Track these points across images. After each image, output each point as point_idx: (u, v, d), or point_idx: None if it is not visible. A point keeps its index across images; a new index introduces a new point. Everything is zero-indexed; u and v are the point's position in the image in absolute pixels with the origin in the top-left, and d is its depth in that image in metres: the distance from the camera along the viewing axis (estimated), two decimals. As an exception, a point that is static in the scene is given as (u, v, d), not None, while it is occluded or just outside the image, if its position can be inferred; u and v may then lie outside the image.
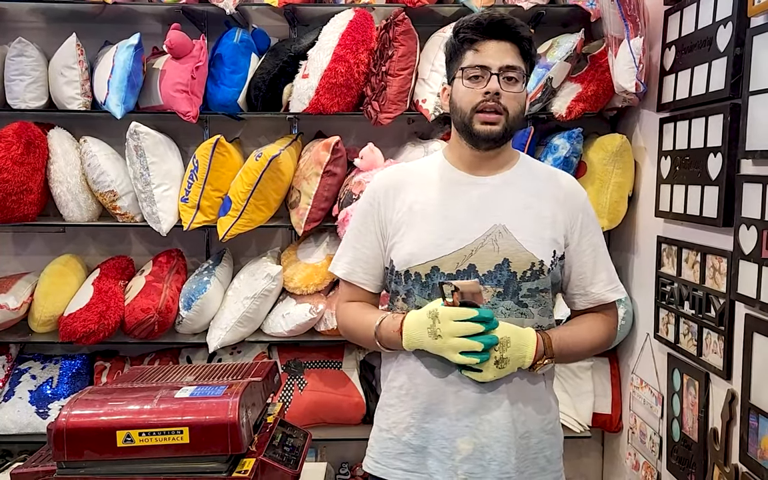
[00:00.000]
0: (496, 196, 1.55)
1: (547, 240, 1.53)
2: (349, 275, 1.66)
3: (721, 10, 2.02)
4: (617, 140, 2.60)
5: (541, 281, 1.51)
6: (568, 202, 1.57)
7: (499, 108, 1.47)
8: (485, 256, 1.49)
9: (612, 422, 2.84)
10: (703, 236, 2.11)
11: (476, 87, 1.48)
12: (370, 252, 1.63)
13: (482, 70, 1.48)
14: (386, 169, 1.72)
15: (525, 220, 1.52)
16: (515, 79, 1.49)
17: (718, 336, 1.99)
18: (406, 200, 1.58)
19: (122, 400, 1.49)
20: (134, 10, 2.83)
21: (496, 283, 1.49)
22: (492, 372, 1.42)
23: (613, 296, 1.61)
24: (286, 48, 2.77)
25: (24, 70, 2.71)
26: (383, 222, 1.60)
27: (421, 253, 1.52)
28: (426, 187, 1.59)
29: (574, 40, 2.64)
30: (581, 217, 1.58)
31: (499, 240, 1.50)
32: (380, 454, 1.60)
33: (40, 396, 2.82)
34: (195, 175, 2.70)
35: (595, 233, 1.61)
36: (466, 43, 1.51)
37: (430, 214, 1.55)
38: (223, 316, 2.76)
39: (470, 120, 1.50)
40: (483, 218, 1.52)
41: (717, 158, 2.00)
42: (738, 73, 1.91)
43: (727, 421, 1.94)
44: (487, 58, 1.48)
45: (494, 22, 1.48)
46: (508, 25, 1.49)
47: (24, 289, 2.78)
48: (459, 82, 1.52)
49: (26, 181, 2.65)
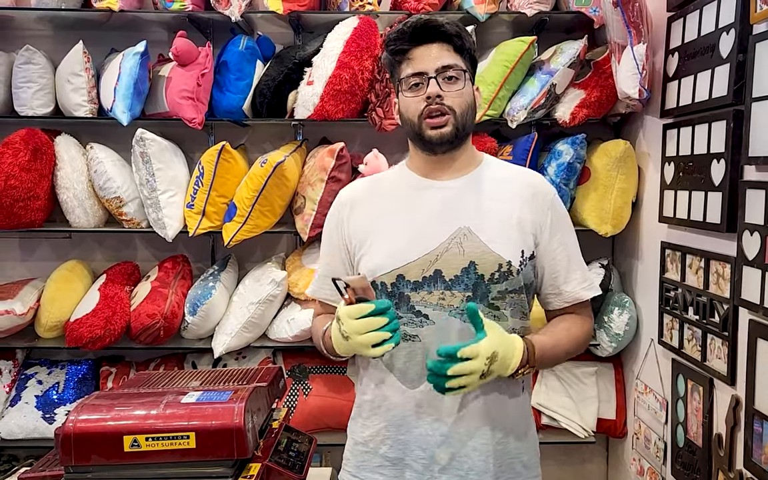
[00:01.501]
0: (459, 199, 1.52)
1: (514, 240, 1.49)
2: (316, 292, 1.67)
3: (723, 17, 2.02)
4: (621, 146, 2.61)
5: (511, 282, 1.48)
6: (535, 201, 1.54)
7: (444, 109, 1.46)
8: (451, 261, 1.47)
9: (616, 428, 2.84)
10: (706, 242, 2.12)
11: (418, 95, 1.47)
12: (337, 269, 1.61)
13: (419, 77, 1.46)
14: (350, 183, 1.71)
15: (490, 221, 1.50)
16: (455, 77, 1.47)
17: (722, 341, 2.00)
18: (369, 212, 1.57)
19: (129, 405, 1.50)
20: (140, 18, 2.85)
21: (464, 287, 1.46)
22: (475, 385, 1.34)
23: (588, 294, 1.58)
24: (291, 55, 2.78)
25: (31, 78, 2.73)
26: (347, 237, 1.59)
27: (386, 262, 1.50)
28: (389, 197, 1.58)
29: (578, 46, 2.65)
30: (550, 216, 1.54)
31: (464, 243, 1.47)
32: (357, 468, 1.58)
33: (46, 401, 2.83)
34: (200, 181, 2.71)
35: (566, 231, 1.58)
36: (398, 54, 1.49)
37: (393, 222, 1.53)
38: (228, 321, 2.77)
39: (420, 128, 1.48)
40: (447, 222, 1.49)
41: (720, 164, 2.01)
42: (741, 80, 1.91)
43: (732, 426, 1.94)
44: (421, 63, 1.46)
45: (419, 28, 1.47)
46: (433, 27, 1.47)
47: (30, 295, 2.79)
48: (402, 94, 1.50)
49: (33, 188, 2.67)
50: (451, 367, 1.30)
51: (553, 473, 3.12)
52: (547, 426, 2.85)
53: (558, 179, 2.65)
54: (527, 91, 2.69)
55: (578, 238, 1.62)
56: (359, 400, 1.63)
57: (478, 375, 1.32)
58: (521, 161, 2.66)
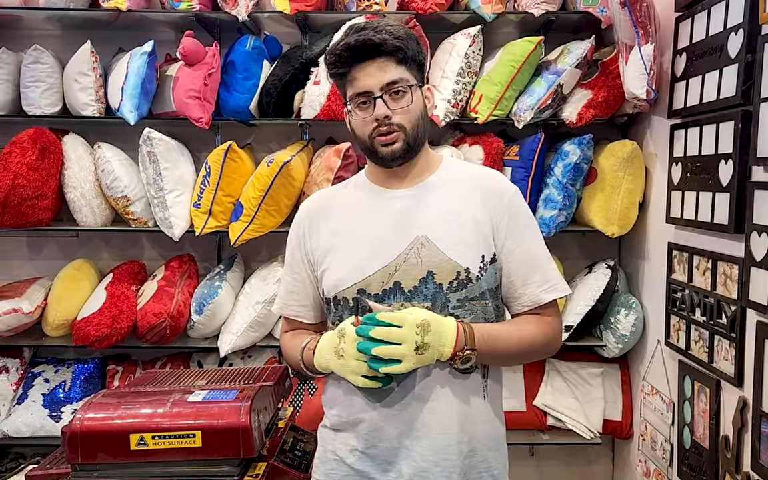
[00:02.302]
0: (417, 207, 1.49)
1: (473, 245, 1.45)
2: (283, 309, 1.63)
3: (732, 17, 2.01)
4: (628, 146, 2.60)
5: (470, 289, 1.44)
6: (491, 202, 1.49)
7: (392, 128, 1.43)
8: (409, 271, 1.43)
9: (622, 429, 2.84)
10: (714, 243, 2.11)
11: (366, 114, 1.43)
12: (301, 283, 1.59)
13: (364, 95, 1.43)
14: (310, 196, 1.68)
15: (448, 227, 1.46)
16: (402, 91, 1.43)
17: (730, 343, 1.99)
18: (329, 226, 1.54)
19: (135, 404, 1.51)
20: (148, 18, 2.86)
21: (422, 298, 1.43)
22: (411, 360, 1.31)
23: (547, 297, 1.49)
24: (297, 55, 2.79)
25: (39, 77, 2.74)
26: (309, 251, 1.56)
27: (346, 276, 1.47)
28: (348, 209, 1.55)
29: (585, 46, 2.64)
30: (507, 217, 1.48)
31: (421, 252, 1.44)
32: (325, 476, 1.55)
33: (53, 399, 2.85)
34: (207, 180, 2.72)
35: (525, 232, 1.51)
36: (340, 77, 1.46)
37: (352, 236, 1.50)
38: (235, 320, 2.77)
39: (371, 145, 1.46)
40: (404, 232, 1.46)
41: (728, 165, 2.00)
42: (749, 80, 1.90)
43: (739, 428, 1.93)
44: (365, 82, 1.42)
45: (357, 47, 1.41)
46: (370, 45, 1.41)
47: (38, 294, 2.80)
48: (351, 112, 1.47)
49: (41, 187, 2.68)
50: (375, 328, 1.30)
51: (559, 474, 3.12)
52: (552, 427, 2.85)
53: (565, 180, 2.64)
54: (534, 92, 2.69)
55: (585, 239, 1.59)
56: (327, 414, 1.59)
57: (411, 345, 1.30)
58: (528, 161, 2.66)
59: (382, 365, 1.31)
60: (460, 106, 2.71)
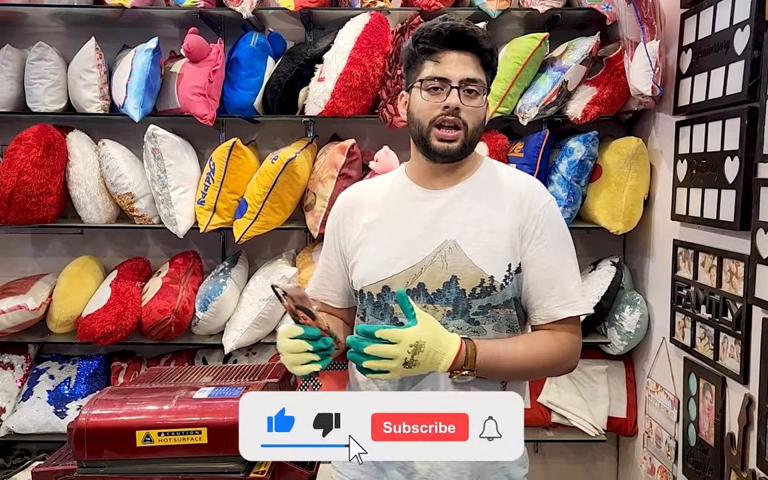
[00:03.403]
0: (450, 210, 1.48)
1: (502, 254, 1.44)
2: (315, 293, 1.65)
3: (738, 14, 2.01)
4: (633, 143, 2.60)
5: (494, 297, 1.44)
6: (523, 211, 1.47)
7: (458, 123, 1.42)
8: (434, 274, 1.44)
9: (627, 426, 2.83)
10: (719, 240, 2.10)
11: (435, 99, 1.42)
12: (333, 271, 1.61)
13: (442, 82, 1.41)
14: (349, 188, 1.69)
15: (478, 233, 1.45)
16: (476, 92, 1.43)
17: (735, 340, 1.98)
18: (363, 219, 1.55)
19: (141, 401, 1.51)
20: (152, 15, 2.86)
21: (445, 301, 1.44)
22: (398, 372, 1.32)
23: (564, 313, 1.46)
24: (302, 51, 2.79)
25: (44, 74, 2.75)
26: (343, 241, 1.58)
27: (373, 272, 1.49)
28: (383, 204, 1.55)
29: (590, 43, 2.63)
30: (534, 226, 1.46)
31: (448, 256, 1.44)
32: (343, 465, 1.58)
33: (58, 396, 2.85)
34: (211, 177, 2.72)
35: (550, 244, 1.47)
36: (426, 53, 1.44)
37: (383, 232, 1.51)
38: (239, 317, 2.77)
39: (428, 134, 1.44)
40: (434, 234, 1.46)
41: (734, 162, 1.99)
42: (756, 77, 1.90)
43: (745, 425, 1.93)
44: (447, 69, 1.41)
45: (456, 33, 1.41)
46: (470, 36, 1.42)
47: (42, 290, 2.81)
48: (417, 92, 1.45)
49: (45, 184, 2.68)
50: (369, 345, 1.31)
51: (564, 471, 3.12)
52: (557, 424, 2.85)
53: (569, 177, 2.64)
54: (539, 88, 2.68)
55: (589, 236, 1.58)
56: None
57: (400, 361, 1.31)
58: (532, 158, 2.65)
59: (371, 372, 1.33)
60: (465, 102, 2.70)
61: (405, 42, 1.50)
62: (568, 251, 1.51)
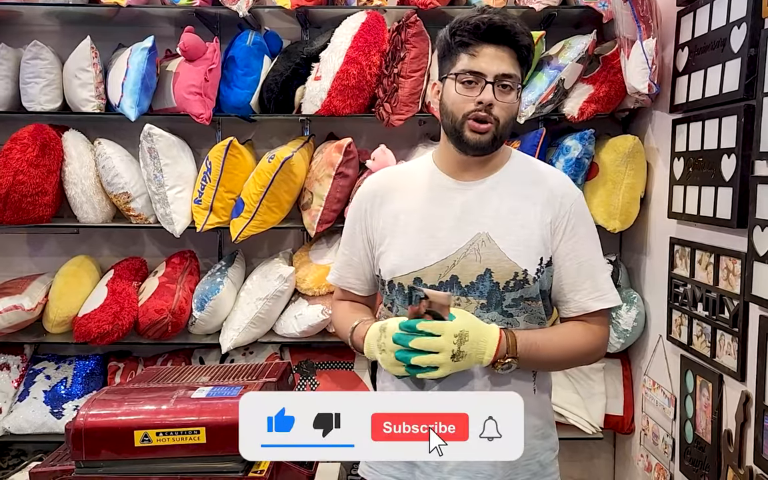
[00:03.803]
0: (480, 202, 1.49)
1: (534, 247, 1.46)
2: (339, 280, 1.67)
3: (735, 11, 2.01)
4: (629, 141, 2.60)
5: (526, 290, 1.46)
6: (554, 204, 1.49)
7: (490, 118, 1.42)
8: (468, 267, 1.45)
9: (624, 424, 2.84)
10: (716, 238, 2.11)
11: (469, 93, 1.42)
12: (358, 258, 1.61)
13: (476, 76, 1.41)
14: (374, 174, 1.70)
15: (510, 226, 1.47)
16: (510, 87, 1.43)
17: (732, 337, 1.99)
18: (391, 208, 1.55)
19: (139, 401, 1.51)
20: (148, 13, 2.85)
21: (478, 294, 1.45)
22: (448, 367, 1.33)
23: (595, 305, 1.50)
24: (298, 50, 2.78)
25: (39, 73, 2.74)
26: (370, 229, 1.58)
27: (404, 264, 1.49)
28: (412, 194, 1.55)
29: (586, 41, 2.63)
30: (566, 221, 1.49)
31: (481, 249, 1.45)
32: (376, 462, 1.58)
33: (54, 396, 2.84)
34: (208, 176, 2.71)
35: (582, 238, 1.51)
36: (462, 46, 1.43)
37: (414, 224, 1.51)
38: (236, 316, 2.77)
39: (461, 126, 1.44)
40: (466, 227, 1.47)
41: (731, 159, 2.00)
42: (752, 74, 1.90)
43: (742, 422, 1.93)
44: (483, 64, 1.41)
45: (494, 27, 1.41)
46: (508, 31, 1.41)
47: (38, 290, 2.80)
48: (451, 84, 1.44)
49: (41, 183, 2.67)
50: (414, 339, 1.32)
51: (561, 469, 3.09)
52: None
53: (566, 175, 2.64)
54: (535, 86, 2.68)
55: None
56: None
57: (447, 354, 1.31)
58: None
59: (419, 371, 1.33)
60: (462, 101, 2.70)
61: (441, 31, 1.50)
62: (597, 245, 1.55)
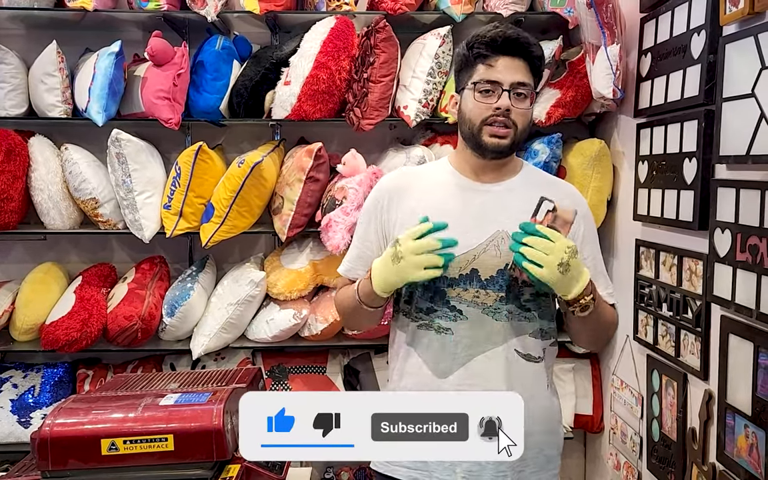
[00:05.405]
0: (499, 203, 1.59)
1: None
2: (349, 272, 1.72)
3: (694, 18, 2.05)
4: (596, 145, 2.64)
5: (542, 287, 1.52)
6: None
7: (508, 123, 1.52)
8: (487, 261, 1.54)
9: (593, 423, 2.88)
10: (679, 239, 2.15)
11: (487, 101, 1.52)
12: (370, 252, 1.66)
13: (493, 85, 1.52)
14: (392, 172, 1.78)
15: None
16: (524, 95, 1.53)
17: (695, 337, 2.03)
18: (410, 204, 1.61)
19: (106, 409, 1.50)
20: (115, 18, 2.82)
21: (498, 287, 1.54)
22: (552, 270, 1.39)
23: (609, 301, 1.67)
24: (267, 55, 2.78)
25: (4, 78, 2.70)
26: (387, 223, 1.64)
27: None
28: (430, 192, 1.63)
29: (553, 46, 2.67)
30: (583, 226, 1.63)
31: (501, 246, 1.54)
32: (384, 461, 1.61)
33: (21, 405, 2.80)
34: (177, 181, 2.70)
35: (594, 241, 1.67)
36: (480, 57, 1.54)
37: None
38: (207, 322, 2.76)
39: (479, 131, 1.54)
40: (486, 225, 1.56)
41: (692, 163, 2.04)
42: (711, 80, 1.94)
43: (705, 420, 1.97)
44: (499, 73, 1.52)
45: (510, 40, 1.53)
46: (522, 43, 1.53)
47: (5, 298, 2.76)
48: (470, 94, 1.55)
49: (6, 189, 2.63)
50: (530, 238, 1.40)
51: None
52: (525, 422, 2.88)
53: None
54: (503, 91, 2.70)
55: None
56: (393, 387, 1.67)
57: (556, 258, 1.39)
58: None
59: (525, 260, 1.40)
60: (431, 106, 2.73)
61: (458, 47, 1.61)
62: (599, 247, 1.71)
